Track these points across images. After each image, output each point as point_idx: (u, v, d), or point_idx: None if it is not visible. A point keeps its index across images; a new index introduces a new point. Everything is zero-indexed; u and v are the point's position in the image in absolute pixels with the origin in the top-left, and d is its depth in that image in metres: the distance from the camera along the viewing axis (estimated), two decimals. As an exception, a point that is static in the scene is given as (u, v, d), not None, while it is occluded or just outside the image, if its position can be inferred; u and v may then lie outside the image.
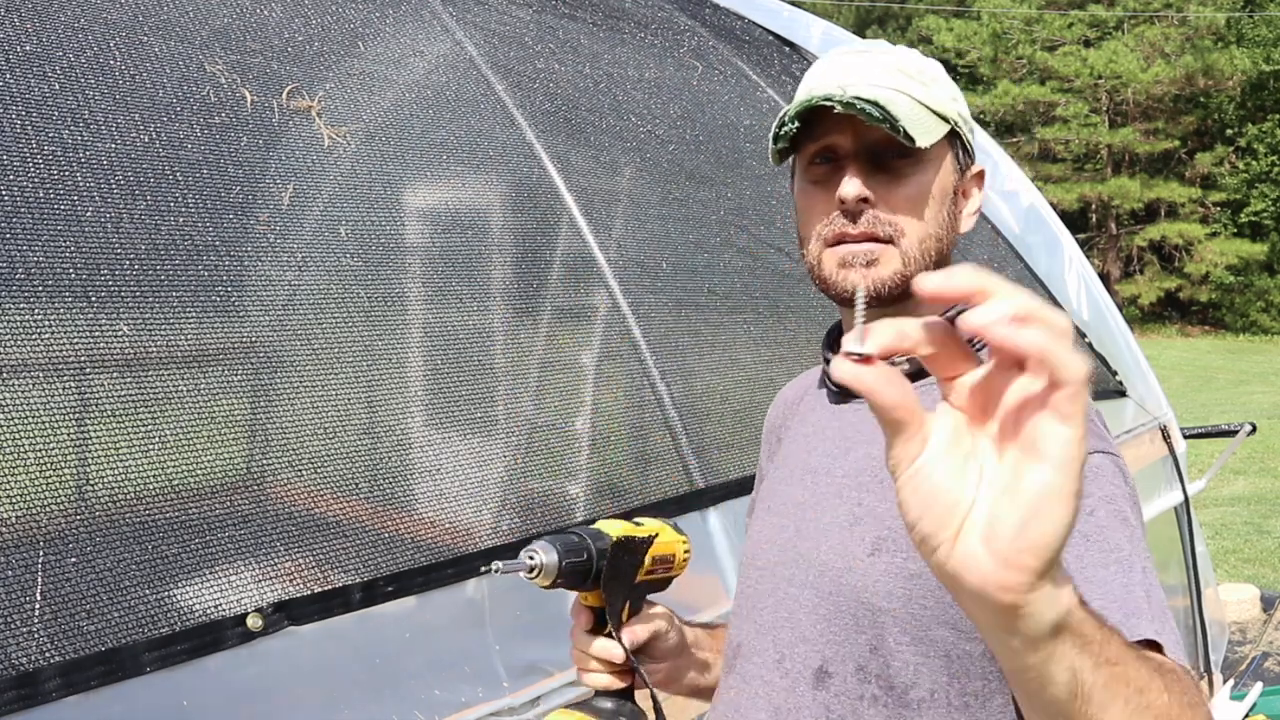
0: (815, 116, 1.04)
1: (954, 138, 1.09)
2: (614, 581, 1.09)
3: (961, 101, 1.12)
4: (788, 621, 1.08)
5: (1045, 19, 25.18)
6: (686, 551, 1.19)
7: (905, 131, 1.00)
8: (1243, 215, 24.38)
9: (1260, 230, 24.23)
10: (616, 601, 1.10)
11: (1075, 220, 23.42)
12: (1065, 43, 24.99)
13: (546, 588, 1.07)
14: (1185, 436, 3.69)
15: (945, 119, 1.07)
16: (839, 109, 1.01)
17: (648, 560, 1.13)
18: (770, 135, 1.08)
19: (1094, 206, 25.30)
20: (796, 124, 1.04)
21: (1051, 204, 3.75)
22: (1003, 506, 0.56)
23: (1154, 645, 0.84)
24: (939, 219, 1.08)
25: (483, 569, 1.06)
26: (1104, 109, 25.10)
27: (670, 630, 1.17)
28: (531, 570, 1.06)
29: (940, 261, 1.09)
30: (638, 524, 1.14)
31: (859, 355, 0.57)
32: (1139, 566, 0.90)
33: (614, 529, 1.11)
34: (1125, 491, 0.96)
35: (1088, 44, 25.02)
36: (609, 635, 1.11)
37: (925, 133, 1.03)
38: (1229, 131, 24.98)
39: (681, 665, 1.21)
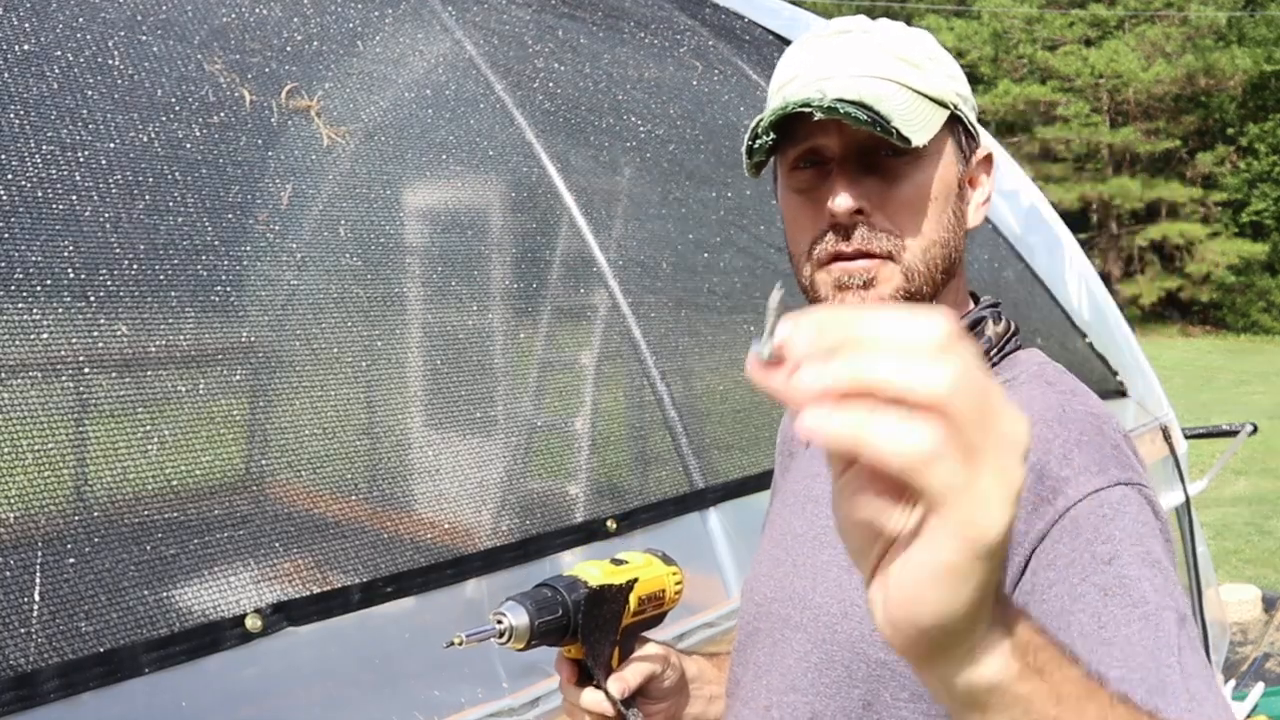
0: (794, 116, 0.91)
1: (954, 123, 0.97)
2: (597, 633, 1.02)
3: (960, 79, 0.99)
4: (779, 667, 1.01)
5: (1046, 18, 25.17)
6: (678, 584, 1.12)
7: (899, 132, 0.88)
8: (1244, 215, 24.36)
9: (1261, 230, 24.21)
10: (601, 652, 1.03)
11: (1076, 220, 23.40)
12: (1066, 42, 24.98)
13: (522, 650, 0.99)
14: (1186, 436, 3.69)
15: (943, 104, 0.94)
16: (819, 115, 0.88)
17: (633, 603, 1.06)
18: (744, 147, 0.96)
19: (1095, 206, 25.29)
20: (772, 136, 0.93)
21: (1052, 204, 3.75)
22: (899, 569, 0.50)
23: None
24: (944, 221, 0.96)
25: (445, 645, 0.98)
26: (1105, 108, 25.09)
27: (667, 669, 1.09)
28: (502, 635, 0.98)
29: (948, 268, 0.97)
30: (620, 563, 1.07)
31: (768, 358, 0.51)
32: (1170, 619, 0.79)
33: (590, 575, 1.03)
34: (1153, 526, 0.85)
35: (1089, 43, 25.01)
36: (597, 686, 1.04)
37: (921, 127, 0.91)
38: (1230, 131, 24.97)
39: (682, 702, 1.13)
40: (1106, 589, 0.80)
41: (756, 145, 0.94)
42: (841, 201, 0.91)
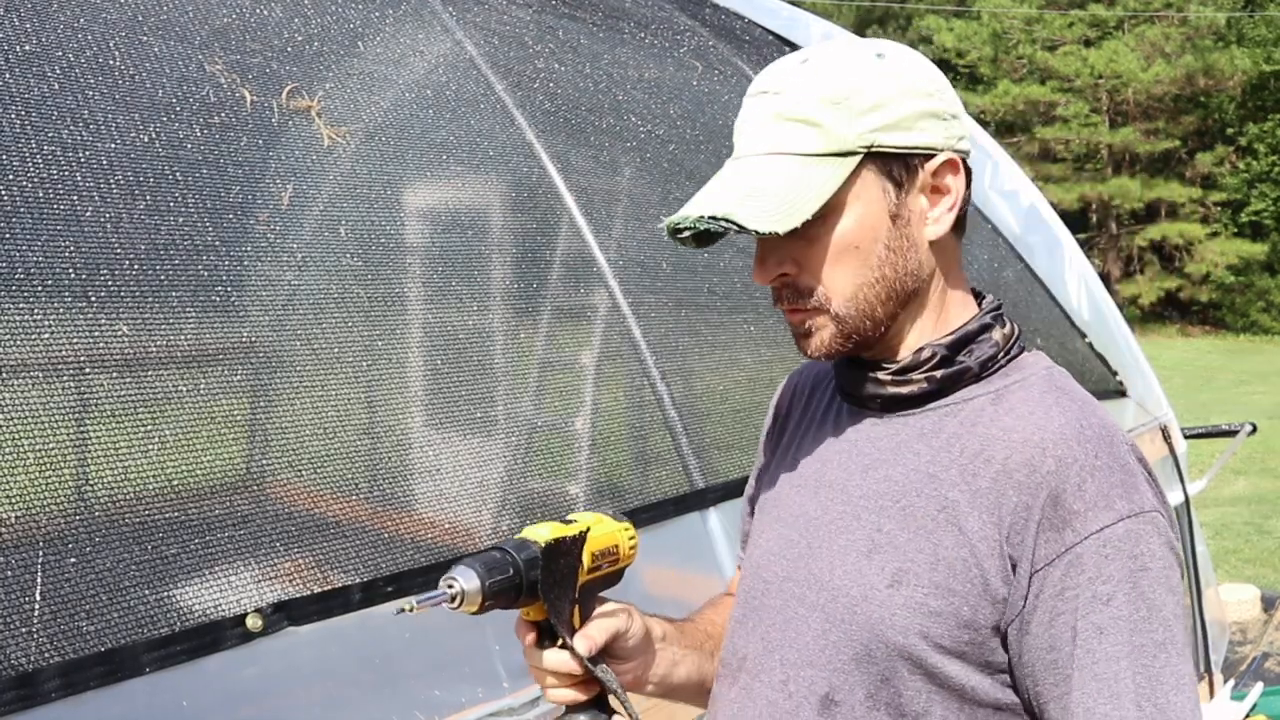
0: None
1: (876, 159, 0.99)
2: (555, 589, 1.02)
3: (893, 104, 0.99)
4: (794, 643, 1.05)
5: (1045, 19, 25.16)
6: (632, 539, 1.13)
7: (756, 231, 0.96)
8: (1243, 215, 24.35)
9: (1261, 230, 24.20)
10: (562, 610, 1.03)
11: (1075, 220, 23.38)
12: (1065, 42, 24.97)
13: (476, 613, 0.99)
14: (1185, 436, 3.70)
15: (850, 154, 0.98)
16: (688, 234, 1.04)
17: (587, 559, 1.06)
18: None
19: (1094, 206, 25.28)
20: (683, 237, 1.05)
21: (1052, 204, 3.75)
22: None
23: None
24: (873, 261, 1.00)
25: (396, 612, 0.98)
26: (1104, 109, 25.08)
27: (631, 627, 1.10)
28: (453, 599, 0.97)
29: (890, 298, 1.02)
30: (569, 522, 1.07)
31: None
32: (1151, 656, 0.90)
33: (540, 535, 1.03)
34: (1159, 559, 0.93)
35: (1088, 44, 25.00)
36: (562, 646, 1.04)
37: (798, 206, 0.97)
38: (1229, 131, 24.95)
39: (649, 661, 1.14)
40: (1102, 629, 0.91)
41: (676, 240, 1.06)
42: (760, 274, 1.04)
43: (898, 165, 1.00)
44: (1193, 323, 24.29)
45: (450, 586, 0.97)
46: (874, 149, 0.98)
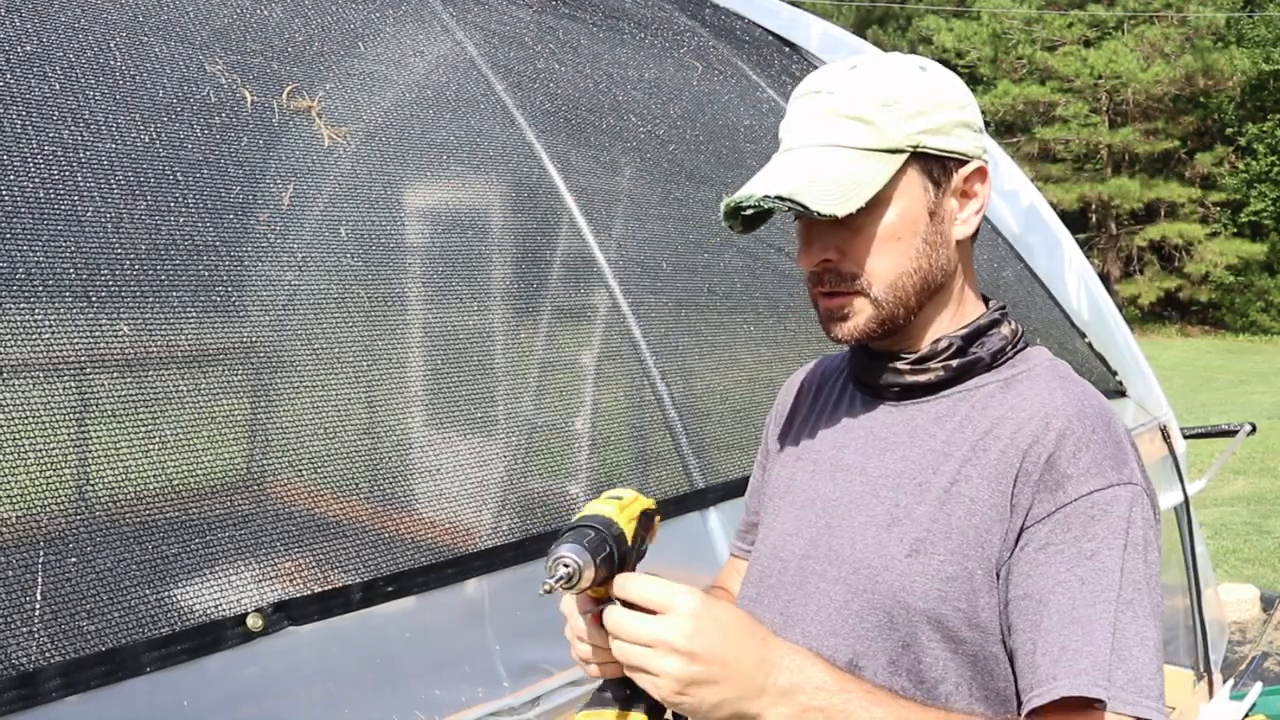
0: None
1: (920, 159, 1.08)
2: (636, 562, 1.04)
3: (935, 111, 1.08)
4: (816, 615, 1.10)
5: (1045, 19, 25.15)
6: (659, 515, 1.14)
7: (817, 212, 1.03)
8: (1242, 215, 24.35)
9: (1260, 230, 24.21)
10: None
11: (1075, 220, 23.40)
12: (1065, 43, 24.97)
13: (574, 592, 0.99)
14: (1185, 436, 3.69)
15: (898, 151, 1.06)
16: (750, 211, 1.10)
17: (635, 534, 1.06)
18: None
19: (1094, 206, 25.28)
20: (735, 220, 1.12)
21: (1051, 204, 3.75)
22: None
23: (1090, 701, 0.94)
24: (911, 250, 1.08)
25: (543, 592, 0.96)
26: (1104, 109, 25.09)
27: None
28: (570, 580, 0.96)
29: (927, 288, 1.10)
30: (617, 498, 1.07)
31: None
32: (1126, 611, 0.97)
33: (620, 512, 1.03)
34: (1139, 526, 1.00)
35: (1088, 44, 25.00)
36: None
37: (853, 192, 1.04)
38: (1229, 131, 24.96)
39: None
40: (1084, 579, 0.98)
41: (730, 226, 1.14)
42: (806, 259, 1.10)
43: (937, 167, 1.09)
44: (1192, 323, 24.30)
45: (566, 567, 0.96)
46: (919, 149, 1.07)
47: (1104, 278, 19.66)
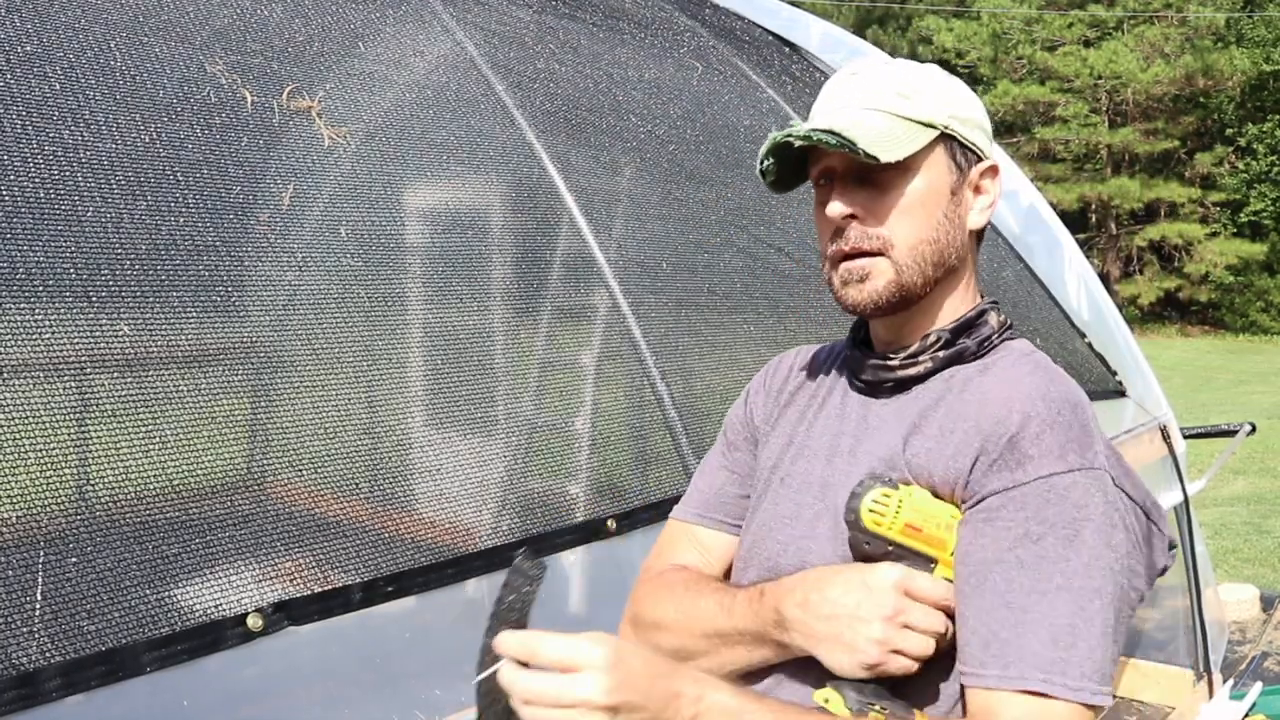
0: (813, 145, 1.12)
1: (947, 140, 1.14)
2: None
3: (961, 105, 1.16)
4: (812, 550, 1.15)
5: (1045, 19, 25.15)
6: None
7: (864, 151, 1.06)
8: (1242, 215, 24.35)
9: (1260, 230, 24.21)
10: None
11: (1075, 220, 23.40)
12: (1065, 43, 24.97)
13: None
14: (1185, 436, 3.69)
15: (931, 125, 1.12)
16: (798, 143, 1.11)
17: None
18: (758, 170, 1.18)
19: (1094, 206, 25.28)
20: (770, 161, 1.15)
21: (1051, 204, 3.75)
22: None
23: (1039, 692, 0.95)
24: (933, 222, 1.13)
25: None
26: (1104, 109, 25.09)
27: None
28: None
29: (941, 262, 1.14)
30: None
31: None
32: (1065, 601, 0.97)
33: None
34: (1101, 513, 1.01)
35: (1088, 44, 24.99)
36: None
37: (894, 146, 1.08)
38: (1229, 131, 24.95)
39: None
40: (1024, 563, 0.99)
41: (763, 168, 1.17)
42: (834, 207, 1.12)
43: (960, 153, 1.15)
44: (1192, 323, 24.29)
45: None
46: (948, 131, 1.13)
47: (1104, 278, 19.66)
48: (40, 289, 1.36)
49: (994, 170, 1.18)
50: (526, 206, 2.14)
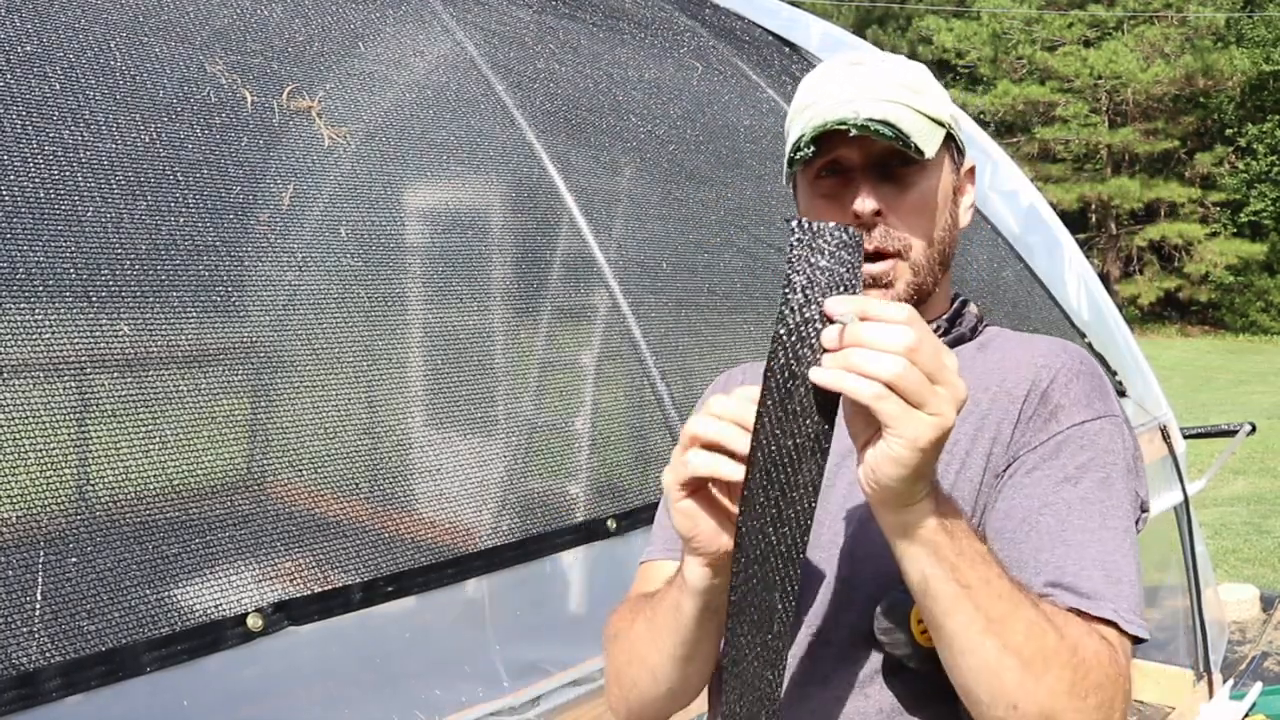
0: (823, 133, 1.06)
1: (949, 140, 1.13)
2: None
3: (949, 100, 1.16)
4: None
5: (1045, 19, 25.15)
6: None
7: (916, 146, 1.04)
8: (1242, 215, 24.35)
9: (1260, 230, 24.20)
10: None
11: (1075, 220, 23.39)
12: (1065, 43, 24.96)
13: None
14: (1185, 436, 3.69)
15: (940, 122, 1.10)
16: (854, 131, 1.03)
17: None
18: (785, 159, 1.10)
19: (1094, 206, 25.28)
20: (813, 149, 1.06)
21: (1051, 204, 3.75)
22: (871, 451, 0.84)
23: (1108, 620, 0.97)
24: (944, 222, 1.13)
25: None
26: (1104, 109, 25.08)
27: None
28: None
29: (945, 262, 1.15)
30: None
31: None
32: (1110, 534, 1.01)
33: None
34: (1121, 454, 1.06)
35: (1088, 44, 24.99)
36: None
37: (929, 143, 1.07)
38: (1229, 131, 24.95)
39: None
40: (1070, 504, 1.02)
41: (798, 156, 1.07)
42: (866, 204, 1.07)
43: (956, 152, 1.16)
44: (1192, 323, 24.29)
45: None
46: (951, 130, 1.12)
47: (1104, 278, 19.65)
48: (40, 289, 1.36)
49: (973, 171, 1.20)
50: (526, 206, 2.14)
